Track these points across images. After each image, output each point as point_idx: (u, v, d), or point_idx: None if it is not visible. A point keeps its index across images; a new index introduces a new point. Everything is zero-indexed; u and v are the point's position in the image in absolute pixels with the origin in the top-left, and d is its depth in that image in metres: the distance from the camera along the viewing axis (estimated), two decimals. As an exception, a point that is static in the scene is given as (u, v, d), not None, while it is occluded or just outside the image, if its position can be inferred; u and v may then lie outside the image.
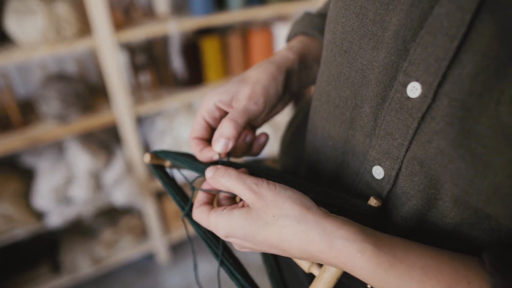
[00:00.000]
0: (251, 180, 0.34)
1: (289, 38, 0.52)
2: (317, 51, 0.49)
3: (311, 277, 0.48)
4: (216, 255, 0.39)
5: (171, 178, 0.43)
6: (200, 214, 0.37)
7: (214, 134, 0.41)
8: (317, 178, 0.44)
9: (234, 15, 1.30)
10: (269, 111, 0.44)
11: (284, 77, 0.44)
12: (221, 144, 0.40)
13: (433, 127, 0.29)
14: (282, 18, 1.55)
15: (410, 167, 0.31)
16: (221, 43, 1.41)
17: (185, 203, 0.41)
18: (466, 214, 0.29)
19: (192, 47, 1.33)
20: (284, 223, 0.31)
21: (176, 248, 1.68)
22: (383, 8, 0.31)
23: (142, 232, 1.56)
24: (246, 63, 1.50)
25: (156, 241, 1.55)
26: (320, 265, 0.36)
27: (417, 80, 0.29)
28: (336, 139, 0.40)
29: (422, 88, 0.29)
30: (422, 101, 0.29)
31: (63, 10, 1.06)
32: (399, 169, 0.33)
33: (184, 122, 1.38)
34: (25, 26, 1.03)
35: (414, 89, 0.29)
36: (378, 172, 0.35)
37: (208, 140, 0.44)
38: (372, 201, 0.35)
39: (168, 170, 0.45)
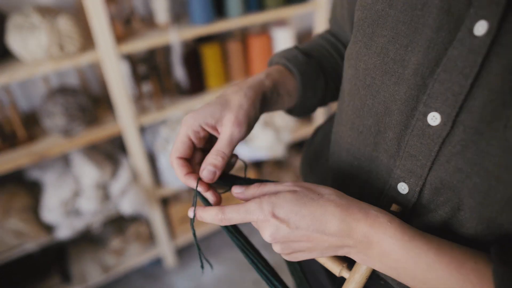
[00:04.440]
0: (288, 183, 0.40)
1: (272, 63, 0.55)
2: (290, 85, 0.51)
3: (334, 284, 0.51)
4: (250, 260, 0.42)
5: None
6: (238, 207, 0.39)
7: (203, 163, 0.43)
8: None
9: (233, 22, 1.31)
10: (249, 133, 0.46)
11: (261, 102, 0.46)
12: (209, 173, 0.42)
13: (451, 150, 0.33)
14: (280, 22, 1.57)
15: (433, 184, 0.35)
16: (221, 49, 1.42)
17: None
18: (479, 227, 0.33)
19: (192, 55, 1.34)
20: (328, 198, 0.37)
21: (182, 252, 1.71)
22: (403, 49, 0.35)
23: (149, 238, 1.58)
24: (246, 69, 1.51)
25: (163, 246, 1.57)
26: (350, 269, 0.40)
27: (436, 111, 0.33)
28: (361, 159, 0.44)
29: (442, 117, 0.33)
30: (442, 129, 0.33)
31: (65, 26, 1.06)
32: (423, 185, 0.36)
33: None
34: (28, 43, 1.03)
35: (434, 118, 0.33)
36: (403, 188, 0.38)
37: (189, 160, 0.45)
38: (394, 207, 0.39)
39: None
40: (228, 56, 1.45)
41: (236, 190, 0.42)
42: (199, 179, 0.43)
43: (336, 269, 0.41)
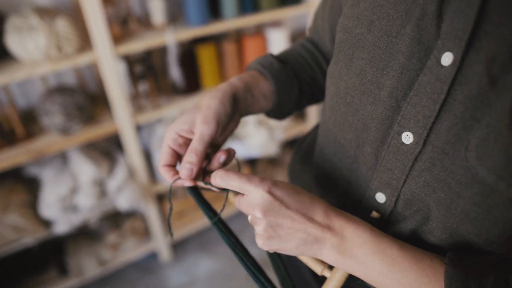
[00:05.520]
0: None
1: (248, 69, 0.58)
2: (265, 88, 0.55)
3: (316, 278, 0.55)
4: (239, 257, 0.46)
5: (202, 196, 0.51)
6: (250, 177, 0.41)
7: (181, 164, 0.47)
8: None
9: (229, 23, 1.33)
10: (223, 129, 0.49)
11: (232, 100, 0.49)
12: (186, 170, 0.46)
13: (420, 166, 0.37)
14: (275, 23, 1.59)
15: (406, 195, 0.39)
16: (217, 50, 1.45)
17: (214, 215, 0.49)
18: (444, 236, 0.37)
19: (188, 55, 1.37)
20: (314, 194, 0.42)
21: (177, 247, 1.75)
22: (379, 72, 0.39)
23: (145, 233, 1.62)
24: (241, 69, 1.54)
25: (158, 241, 1.62)
26: (331, 269, 0.44)
27: (409, 131, 0.37)
28: (342, 170, 0.47)
29: (414, 137, 0.36)
30: (414, 147, 0.37)
31: (63, 27, 1.08)
32: (398, 195, 0.40)
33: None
34: (26, 44, 1.05)
35: (407, 137, 0.37)
36: (380, 197, 0.42)
37: (175, 166, 0.50)
38: (374, 214, 0.43)
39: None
40: (223, 57, 1.48)
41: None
42: (178, 178, 0.48)
43: (318, 268, 0.45)
